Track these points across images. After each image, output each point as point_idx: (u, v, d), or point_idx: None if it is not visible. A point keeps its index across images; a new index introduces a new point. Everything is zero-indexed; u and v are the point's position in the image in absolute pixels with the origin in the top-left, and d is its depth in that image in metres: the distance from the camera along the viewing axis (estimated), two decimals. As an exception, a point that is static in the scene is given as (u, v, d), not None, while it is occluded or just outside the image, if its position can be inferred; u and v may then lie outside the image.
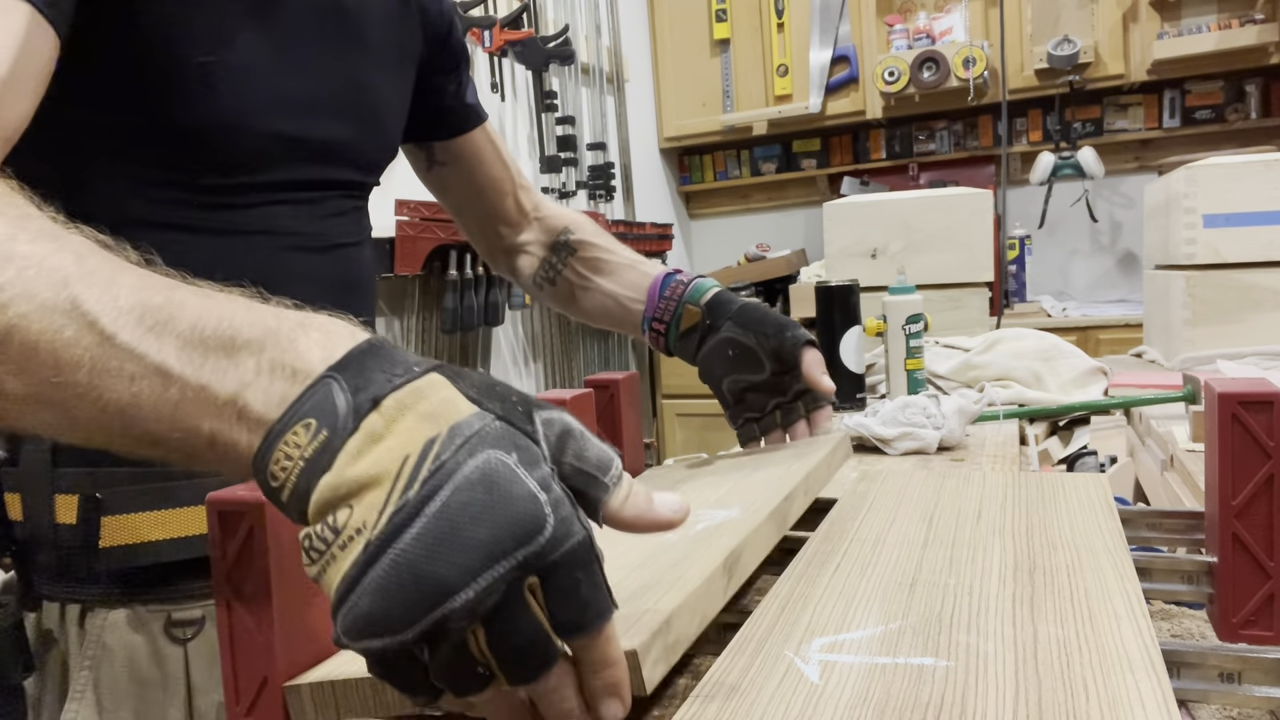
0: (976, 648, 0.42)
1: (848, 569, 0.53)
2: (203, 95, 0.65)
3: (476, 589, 0.32)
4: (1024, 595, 0.48)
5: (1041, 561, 0.52)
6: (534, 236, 1.01)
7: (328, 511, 0.34)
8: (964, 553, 0.55)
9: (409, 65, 0.86)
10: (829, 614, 0.47)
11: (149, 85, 0.64)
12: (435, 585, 0.32)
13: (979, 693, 0.38)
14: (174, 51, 0.63)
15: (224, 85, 0.66)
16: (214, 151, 0.67)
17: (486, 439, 0.35)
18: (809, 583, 0.52)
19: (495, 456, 0.34)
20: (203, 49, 0.64)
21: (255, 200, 0.70)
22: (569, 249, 0.98)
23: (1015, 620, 0.45)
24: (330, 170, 0.76)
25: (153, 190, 0.66)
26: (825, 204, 2.16)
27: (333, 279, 0.77)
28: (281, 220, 0.73)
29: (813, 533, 0.61)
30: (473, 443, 0.34)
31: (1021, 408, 1.30)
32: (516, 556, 0.33)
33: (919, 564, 0.53)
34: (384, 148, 0.84)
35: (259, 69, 0.68)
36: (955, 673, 0.40)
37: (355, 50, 0.77)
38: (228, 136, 0.67)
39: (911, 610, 0.47)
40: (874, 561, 0.54)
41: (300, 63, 0.72)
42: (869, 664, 0.41)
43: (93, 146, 0.65)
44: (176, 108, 0.65)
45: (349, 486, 0.34)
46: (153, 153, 0.66)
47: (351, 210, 0.81)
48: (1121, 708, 0.36)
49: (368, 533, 0.33)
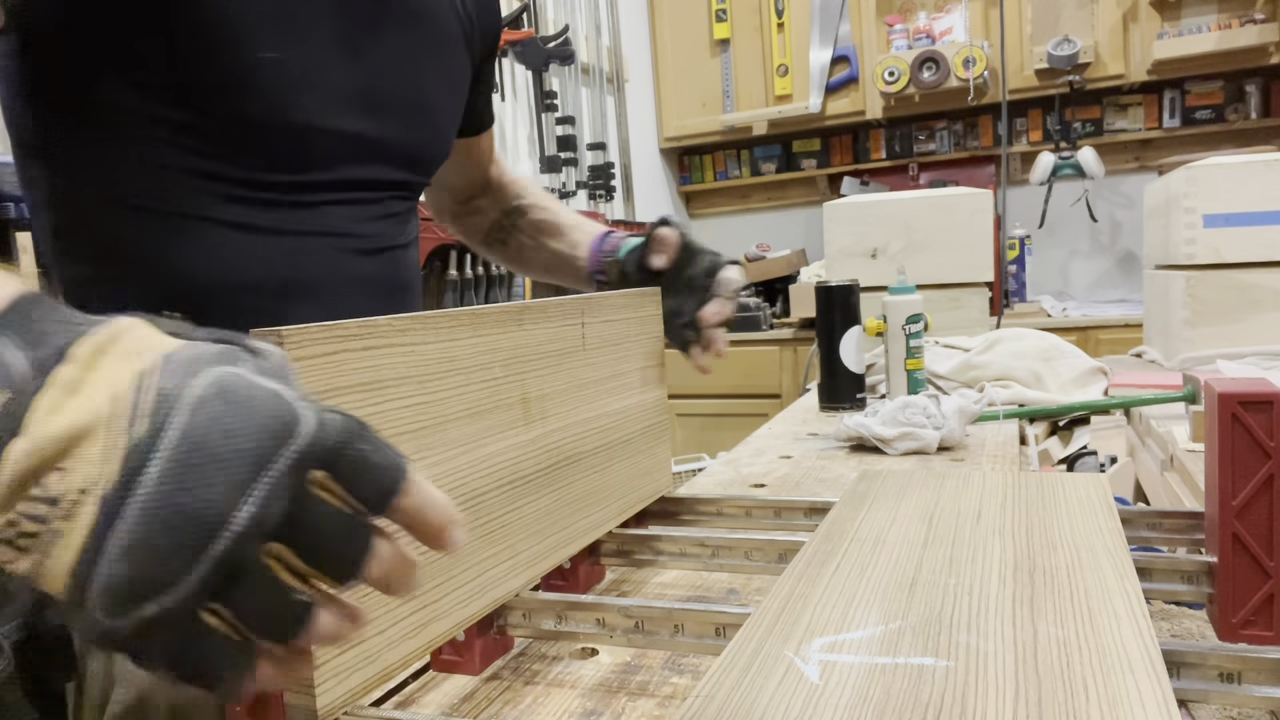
0: (977, 648, 0.42)
1: (847, 569, 0.53)
2: (268, 91, 0.64)
3: (255, 502, 0.28)
4: (1024, 595, 0.48)
5: (1041, 561, 0.52)
6: (489, 202, 1.07)
7: (30, 483, 0.28)
8: (964, 552, 0.55)
9: (467, 69, 0.87)
10: (829, 614, 0.47)
11: (211, 78, 0.62)
12: (203, 515, 0.28)
13: (979, 692, 0.38)
14: (238, 47, 0.62)
15: (288, 82, 0.65)
16: (275, 147, 0.67)
17: (205, 358, 0.30)
18: (809, 582, 0.52)
19: (223, 371, 0.30)
20: (269, 45, 0.64)
21: (312, 200, 0.70)
22: (520, 212, 1.04)
23: (1015, 620, 0.45)
24: (388, 170, 0.76)
25: (208, 184, 0.65)
26: (825, 204, 2.16)
27: (382, 281, 0.76)
28: (337, 221, 0.72)
29: (812, 533, 0.61)
30: (192, 365, 0.30)
31: (1021, 408, 1.30)
32: (286, 455, 0.29)
33: (919, 564, 0.53)
34: (440, 149, 0.84)
35: (325, 67, 0.68)
36: (955, 673, 0.40)
37: (419, 52, 0.77)
38: (291, 132, 0.67)
39: (911, 610, 0.47)
40: (874, 561, 0.54)
41: (365, 62, 0.71)
42: (869, 664, 0.41)
43: (145, 136, 0.63)
44: (239, 102, 0.64)
45: (54, 446, 0.28)
46: (211, 147, 0.64)
47: (403, 211, 0.81)
48: (1121, 707, 0.36)
49: (97, 489, 0.28)
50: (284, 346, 0.41)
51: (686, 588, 0.71)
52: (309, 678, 0.42)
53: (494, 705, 0.53)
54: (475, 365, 0.55)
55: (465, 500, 0.54)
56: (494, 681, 0.56)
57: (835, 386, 1.40)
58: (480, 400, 0.55)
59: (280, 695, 0.43)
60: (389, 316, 0.48)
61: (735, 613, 0.53)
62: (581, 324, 0.67)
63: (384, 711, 0.48)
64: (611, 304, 0.72)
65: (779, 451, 1.18)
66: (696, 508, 0.79)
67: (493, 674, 0.57)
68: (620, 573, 0.75)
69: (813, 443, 1.22)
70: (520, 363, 0.59)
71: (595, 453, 0.69)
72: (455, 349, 0.53)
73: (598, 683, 0.55)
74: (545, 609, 0.57)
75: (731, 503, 0.78)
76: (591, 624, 0.56)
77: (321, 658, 0.43)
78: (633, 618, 0.55)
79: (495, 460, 0.56)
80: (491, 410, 0.56)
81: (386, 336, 0.47)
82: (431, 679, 0.57)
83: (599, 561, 0.72)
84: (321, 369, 0.43)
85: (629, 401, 0.75)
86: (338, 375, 0.44)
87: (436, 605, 0.51)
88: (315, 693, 0.43)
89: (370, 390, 0.46)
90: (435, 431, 0.51)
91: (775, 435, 1.30)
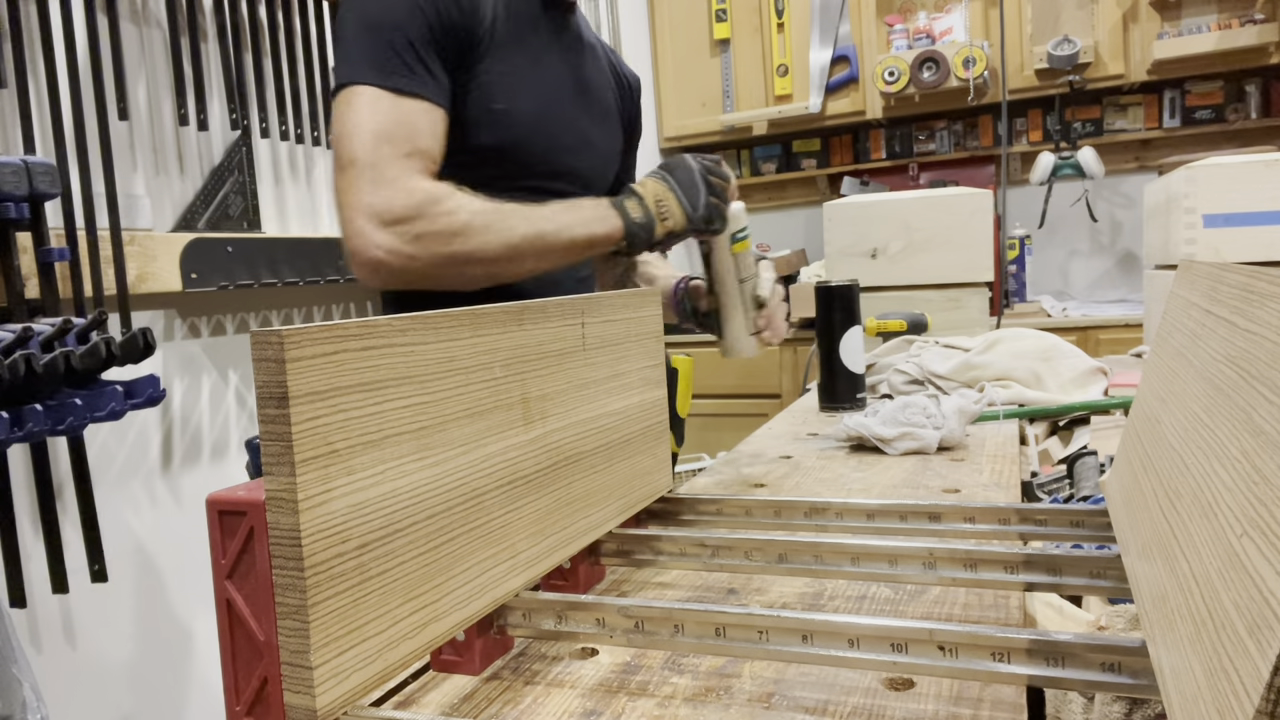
0: None
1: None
2: (499, 129, 1.07)
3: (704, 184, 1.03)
4: None
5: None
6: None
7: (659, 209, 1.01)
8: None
9: (616, 124, 1.30)
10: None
11: (466, 120, 1.04)
12: (695, 184, 1.03)
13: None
14: (486, 102, 1.05)
15: (510, 122, 1.07)
16: (494, 165, 1.05)
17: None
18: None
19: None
20: (501, 100, 1.06)
21: (532, 201, 1.02)
22: (634, 265, 1.35)
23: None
24: (573, 189, 1.12)
25: (479, 190, 1.00)
26: (825, 204, 2.16)
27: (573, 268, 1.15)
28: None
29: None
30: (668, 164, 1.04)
31: (1021, 408, 1.30)
32: (701, 173, 1.04)
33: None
34: (603, 178, 1.25)
35: (532, 115, 1.09)
36: None
37: (586, 108, 1.20)
38: (508, 155, 1.07)
39: None
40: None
41: (554, 112, 1.13)
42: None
43: (470, 178, 1.02)
44: (480, 136, 1.05)
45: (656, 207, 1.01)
46: (459, 163, 1.02)
47: None
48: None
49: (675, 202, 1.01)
50: (284, 346, 0.41)
51: (686, 588, 0.71)
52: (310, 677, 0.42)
53: (494, 705, 0.53)
54: (475, 365, 0.55)
55: (465, 500, 0.54)
56: (494, 681, 0.56)
57: (835, 386, 1.40)
58: (480, 400, 0.55)
59: (280, 695, 0.43)
60: (389, 316, 0.48)
61: (735, 613, 0.53)
62: (581, 324, 0.67)
63: (384, 711, 0.48)
64: (611, 304, 0.72)
65: (779, 451, 1.18)
66: (696, 508, 0.79)
67: (493, 674, 0.57)
68: (620, 573, 0.75)
69: (813, 443, 1.22)
70: (520, 363, 0.59)
71: (595, 453, 0.69)
72: (455, 349, 0.53)
73: (598, 683, 0.55)
74: (545, 609, 0.57)
75: (731, 503, 0.78)
76: (591, 624, 0.56)
77: (322, 658, 0.43)
78: (633, 618, 0.55)
79: (495, 460, 0.56)
80: (491, 410, 0.56)
81: (386, 336, 0.47)
82: (431, 679, 0.57)
83: (599, 561, 0.72)
84: (322, 369, 0.43)
85: (629, 401, 0.75)
86: (338, 375, 0.44)
87: (436, 605, 0.51)
88: (315, 693, 0.43)
89: (370, 390, 0.46)
90: (435, 431, 0.51)
91: (775, 435, 1.30)
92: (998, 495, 0.92)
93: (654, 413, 0.80)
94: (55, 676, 1.36)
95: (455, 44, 1.02)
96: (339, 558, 0.44)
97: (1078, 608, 0.64)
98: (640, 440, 0.77)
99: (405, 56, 0.97)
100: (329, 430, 0.43)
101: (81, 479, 1.35)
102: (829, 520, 0.74)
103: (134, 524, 1.50)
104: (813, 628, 0.50)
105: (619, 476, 0.73)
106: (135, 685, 1.49)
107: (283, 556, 0.43)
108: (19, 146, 1.31)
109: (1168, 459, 0.49)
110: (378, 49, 0.97)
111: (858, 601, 0.66)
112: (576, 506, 0.66)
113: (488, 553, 0.56)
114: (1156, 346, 0.66)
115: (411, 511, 0.49)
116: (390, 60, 0.97)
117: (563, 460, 0.64)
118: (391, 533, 0.48)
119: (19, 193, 1.20)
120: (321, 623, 0.43)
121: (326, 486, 0.43)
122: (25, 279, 1.25)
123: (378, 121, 0.95)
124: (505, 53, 1.07)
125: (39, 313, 1.28)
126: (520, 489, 0.59)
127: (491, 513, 0.56)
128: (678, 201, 1.01)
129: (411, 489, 0.49)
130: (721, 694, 0.53)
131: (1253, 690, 0.26)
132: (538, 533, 0.61)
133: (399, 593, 0.48)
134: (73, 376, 1.24)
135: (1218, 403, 0.43)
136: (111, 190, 1.39)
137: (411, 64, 0.98)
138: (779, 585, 0.70)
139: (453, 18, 1.01)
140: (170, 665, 1.56)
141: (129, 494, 1.50)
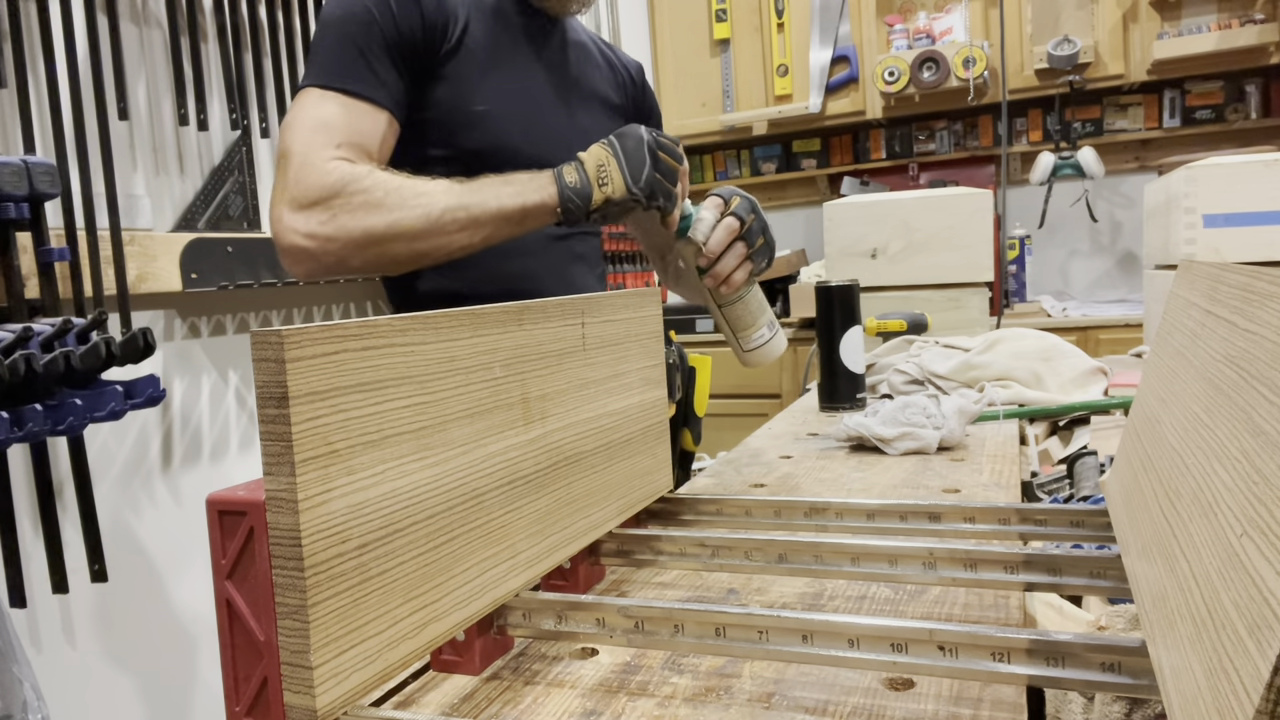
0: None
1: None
2: (479, 130, 1.07)
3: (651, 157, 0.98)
4: None
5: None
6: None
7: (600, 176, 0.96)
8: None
9: (617, 113, 1.29)
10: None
11: (447, 124, 1.06)
12: (640, 158, 0.97)
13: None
14: (462, 105, 1.06)
15: (492, 124, 1.08)
16: (487, 167, 1.00)
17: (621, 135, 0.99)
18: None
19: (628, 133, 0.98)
20: (479, 102, 1.07)
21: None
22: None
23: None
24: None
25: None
26: (825, 204, 2.16)
27: (567, 253, 1.19)
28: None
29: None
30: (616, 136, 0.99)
31: (1021, 408, 1.30)
32: (651, 149, 0.99)
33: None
34: None
35: (514, 115, 1.10)
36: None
37: (578, 104, 1.20)
38: (495, 156, 1.05)
39: None
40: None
41: (540, 112, 1.14)
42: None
43: (414, 160, 1.04)
44: (464, 138, 1.07)
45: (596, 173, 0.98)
46: (450, 167, 1.01)
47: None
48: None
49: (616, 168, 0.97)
50: (284, 346, 0.41)
51: (686, 588, 0.71)
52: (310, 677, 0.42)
53: (494, 705, 0.53)
54: (475, 365, 0.55)
55: (465, 500, 0.54)
56: (494, 681, 0.56)
57: (835, 386, 1.40)
58: (480, 400, 0.55)
59: (280, 695, 0.43)
60: (389, 317, 0.48)
61: (735, 613, 0.53)
62: (581, 324, 0.67)
63: (384, 711, 0.48)
64: (611, 304, 0.72)
65: (779, 451, 1.18)
66: (696, 508, 0.79)
67: (493, 674, 0.57)
68: (620, 573, 0.75)
69: (813, 443, 1.22)
70: (520, 363, 0.59)
71: (595, 453, 0.69)
72: (455, 349, 0.53)
73: (598, 683, 0.55)
74: (545, 609, 0.57)
75: (731, 503, 0.78)
76: (591, 624, 0.56)
77: (322, 658, 0.43)
78: (632, 618, 0.55)
79: (495, 460, 0.56)
80: (491, 410, 0.56)
81: (387, 336, 0.47)
82: (431, 679, 0.57)
83: (599, 561, 0.72)
84: (322, 369, 0.43)
85: (629, 401, 0.75)
86: (338, 375, 0.44)
87: (436, 605, 0.51)
88: (315, 693, 0.43)
89: (370, 390, 0.46)
90: (435, 431, 0.51)
91: (775, 435, 1.30)
92: (998, 495, 0.92)
93: (654, 413, 0.80)
94: (55, 676, 1.36)
95: (414, 50, 1.02)
96: (339, 558, 0.44)
97: (1078, 608, 0.64)
98: (640, 440, 0.77)
99: (357, 62, 0.98)
100: (329, 430, 0.43)
101: (81, 479, 1.35)
102: (829, 520, 0.74)
103: (134, 524, 1.50)
104: (813, 628, 0.50)
105: (619, 476, 0.73)
106: (135, 685, 1.49)
107: (283, 556, 0.43)
108: (19, 146, 1.31)
109: (1168, 459, 0.49)
110: (331, 55, 0.98)
111: (858, 601, 0.66)
112: (576, 506, 0.66)
113: (488, 553, 0.56)
114: (1156, 346, 0.66)
115: (411, 511, 0.49)
116: (341, 65, 0.98)
117: (563, 460, 0.64)
118: (391, 533, 0.48)
119: (19, 193, 1.20)
120: (321, 623, 0.43)
121: (326, 486, 0.43)
122: (25, 279, 1.25)
123: (316, 116, 0.96)
124: (479, 56, 1.07)
125: (39, 313, 1.28)
126: (520, 489, 0.59)
127: (491, 513, 0.56)
128: (619, 169, 0.96)
129: (411, 489, 0.49)
130: (721, 694, 0.53)
131: (1253, 690, 0.26)
132: (538, 533, 0.61)
133: (399, 593, 0.48)
134: (73, 376, 1.24)
135: (1218, 403, 0.43)
136: (111, 190, 1.39)
137: (361, 70, 0.98)
138: (779, 585, 0.70)
139: (412, 23, 1.01)
140: (170, 665, 1.56)
141: (129, 494, 1.50)
